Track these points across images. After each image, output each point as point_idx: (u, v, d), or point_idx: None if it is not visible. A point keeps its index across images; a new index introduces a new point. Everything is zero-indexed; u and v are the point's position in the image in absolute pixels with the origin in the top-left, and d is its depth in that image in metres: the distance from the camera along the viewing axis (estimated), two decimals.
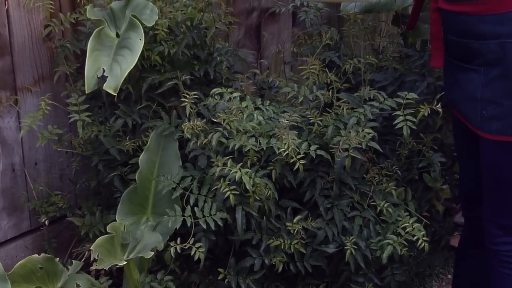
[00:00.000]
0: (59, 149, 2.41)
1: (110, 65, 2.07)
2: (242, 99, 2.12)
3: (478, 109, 1.85)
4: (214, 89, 2.10)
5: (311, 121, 2.13)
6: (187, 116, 2.09)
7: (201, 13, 2.34)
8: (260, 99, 2.23)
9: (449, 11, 1.85)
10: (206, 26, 2.38)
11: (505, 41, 1.75)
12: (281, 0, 3.01)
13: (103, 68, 2.06)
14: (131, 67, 2.04)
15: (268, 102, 2.21)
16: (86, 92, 2.07)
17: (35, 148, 2.46)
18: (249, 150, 2.00)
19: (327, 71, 2.27)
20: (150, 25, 2.14)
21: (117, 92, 2.04)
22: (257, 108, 2.13)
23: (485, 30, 1.78)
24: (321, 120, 2.13)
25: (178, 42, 2.25)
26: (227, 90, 2.09)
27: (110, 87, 2.03)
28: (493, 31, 1.76)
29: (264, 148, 2.01)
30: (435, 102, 2.05)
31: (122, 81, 2.03)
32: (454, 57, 1.91)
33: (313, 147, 2.04)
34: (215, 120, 2.08)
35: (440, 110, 2.05)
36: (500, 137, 1.84)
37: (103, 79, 2.07)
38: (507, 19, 1.74)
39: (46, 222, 2.44)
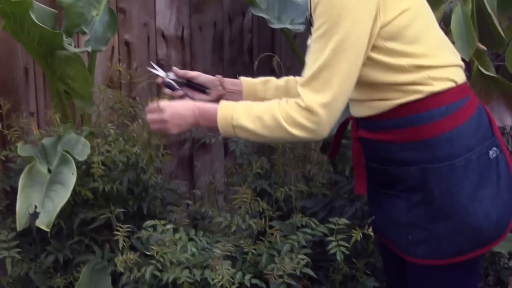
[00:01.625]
0: None
1: (42, 201, 2.05)
2: (175, 230, 2.12)
3: (403, 234, 1.88)
4: (147, 222, 2.10)
5: (245, 250, 2.14)
6: (120, 249, 2.07)
7: (137, 151, 2.36)
8: (194, 230, 2.23)
9: (369, 140, 1.91)
10: (143, 165, 2.39)
11: (424, 166, 1.80)
12: (212, 131, 3.07)
13: (35, 205, 2.04)
14: (64, 202, 2.03)
15: (201, 232, 2.21)
16: (18, 230, 2.03)
17: None
18: (183, 282, 1.98)
19: (259, 200, 2.31)
20: (82, 159, 2.15)
21: (50, 227, 2.01)
22: (190, 239, 2.13)
23: (405, 157, 1.83)
24: (254, 249, 2.14)
25: (112, 179, 2.25)
26: (160, 222, 2.09)
27: (43, 223, 2.01)
28: (413, 158, 1.81)
29: (199, 280, 2.00)
30: (366, 227, 2.09)
31: (55, 216, 2.01)
32: (377, 184, 1.96)
33: (247, 277, 2.03)
34: (148, 253, 2.06)
35: (371, 234, 2.08)
36: (427, 261, 1.86)
37: (34, 215, 2.05)
38: (425, 146, 1.80)
39: None
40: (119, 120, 2.53)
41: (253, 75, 3.34)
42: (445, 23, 2.72)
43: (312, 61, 1.74)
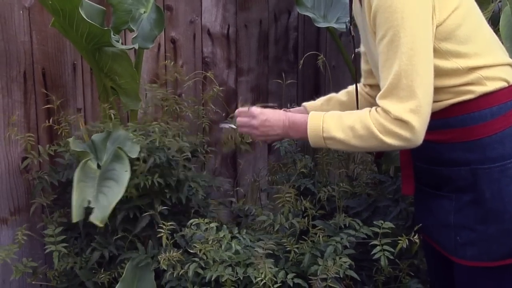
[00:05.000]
0: (33, 282, 2.37)
1: (96, 196, 2.06)
2: (218, 228, 2.12)
3: (451, 235, 1.86)
4: (191, 220, 2.10)
5: (288, 248, 2.13)
6: (164, 247, 2.08)
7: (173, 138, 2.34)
8: (237, 227, 2.24)
9: None
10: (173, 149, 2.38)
11: (475, 167, 1.78)
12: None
13: (88, 200, 2.05)
14: (118, 198, 2.03)
15: (244, 230, 2.21)
16: (73, 221, 2.04)
17: (8, 282, 2.43)
18: (226, 280, 1.99)
19: (302, 199, 2.30)
20: (134, 156, 2.15)
21: (104, 223, 2.02)
22: (234, 237, 2.14)
23: (455, 157, 1.81)
24: (297, 248, 2.13)
25: (152, 173, 2.25)
26: (203, 220, 2.10)
27: (97, 218, 2.01)
28: (463, 158, 1.80)
29: (241, 278, 2.00)
30: (413, 233, 2.06)
31: (109, 212, 2.02)
32: (424, 184, 1.94)
33: (290, 276, 2.03)
34: (191, 251, 2.07)
35: (417, 241, 2.05)
36: (476, 263, 1.84)
37: (86, 210, 2.06)
38: (476, 146, 1.78)
39: None
40: (163, 118, 2.55)
41: (298, 73, 3.36)
42: (493, 23, 2.68)
43: (387, 70, 1.71)
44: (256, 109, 1.93)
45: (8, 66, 2.42)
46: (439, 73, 1.74)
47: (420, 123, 1.69)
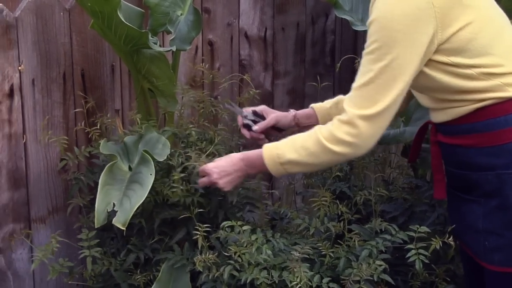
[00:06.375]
0: (70, 282, 2.39)
1: (121, 199, 2.08)
2: (253, 231, 2.12)
3: (480, 240, 1.85)
4: (225, 222, 2.10)
5: (323, 252, 2.12)
6: (199, 249, 2.09)
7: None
8: (271, 230, 2.23)
9: (447, 144, 1.89)
10: None
11: (501, 172, 1.78)
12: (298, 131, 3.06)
13: (113, 203, 2.07)
14: (141, 202, 2.05)
15: (279, 234, 2.21)
16: (96, 227, 2.07)
17: (46, 281, 2.45)
18: (261, 283, 1.99)
19: (338, 203, 2.29)
20: (161, 159, 2.17)
21: (126, 226, 2.04)
22: (268, 241, 2.13)
23: (482, 162, 1.81)
24: (332, 252, 2.12)
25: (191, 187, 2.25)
26: (237, 223, 2.09)
27: (119, 221, 2.04)
28: (489, 163, 1.79)
29: (276, 281, 2.00)
30: (447, 235, 2.04)
31: (131, 215, 2.03)
32: (455, 188, 1.94)
33: (325, 280, 2.02)
34: (226, 254, 2.07)
35: (452, 243, 2.03)
36: (503, 269, 1.83)
37: (114, 212, 2.08)
38: (502, 151, 1.77)
39: None
40: (200, 120, 2.56)
41: (335, 77, 3.35)
42: None
43: (359, 76, 1.77)
44: (208, 166, 2.02)
45: (48, 67, 2.45)
46: (456, 88, 1.77)
47: (369, 130, 1.77)
